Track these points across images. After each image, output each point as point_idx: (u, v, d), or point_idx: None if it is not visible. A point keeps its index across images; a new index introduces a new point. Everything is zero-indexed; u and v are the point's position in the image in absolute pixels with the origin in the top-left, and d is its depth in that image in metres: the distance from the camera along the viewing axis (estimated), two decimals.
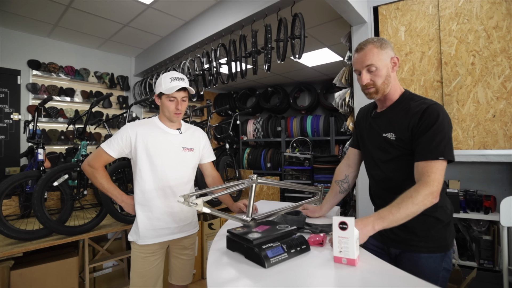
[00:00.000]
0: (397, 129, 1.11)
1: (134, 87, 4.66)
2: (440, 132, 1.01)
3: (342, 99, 2.66)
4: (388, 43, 1.13)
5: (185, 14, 3.31)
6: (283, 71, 4.96)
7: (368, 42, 1.12)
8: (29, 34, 3.72)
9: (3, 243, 1.76)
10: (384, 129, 1.15)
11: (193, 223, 1.62)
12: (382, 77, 1.10)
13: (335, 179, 1.42)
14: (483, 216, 2.12)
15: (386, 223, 0.94)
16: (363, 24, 2.51)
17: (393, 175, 1.14)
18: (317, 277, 0.81)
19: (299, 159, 4.61)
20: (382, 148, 1.16)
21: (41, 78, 3.83)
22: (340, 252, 0.87)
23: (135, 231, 1.47)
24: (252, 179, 1.26)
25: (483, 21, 2.04)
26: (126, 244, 2.52)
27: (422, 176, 0.99)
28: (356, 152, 1.38)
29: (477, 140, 2.06)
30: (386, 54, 1.11)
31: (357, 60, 1.14)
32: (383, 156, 1.16)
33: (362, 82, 1.13)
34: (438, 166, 0.99)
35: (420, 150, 1.03)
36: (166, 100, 1.45)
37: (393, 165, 1.14)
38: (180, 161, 1.50)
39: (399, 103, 1.15)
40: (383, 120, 1.18)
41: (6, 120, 3.52)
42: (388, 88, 1.13)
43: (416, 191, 0.96)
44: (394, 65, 1.13)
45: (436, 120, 1.02)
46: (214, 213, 1.18)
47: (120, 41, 4.08)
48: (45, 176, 1.85)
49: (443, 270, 1.08)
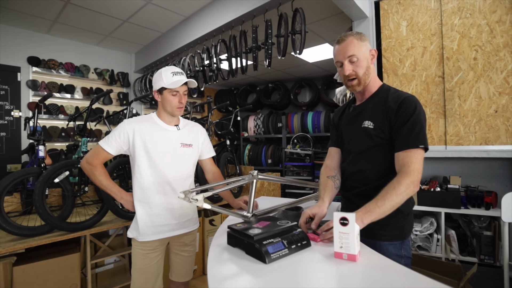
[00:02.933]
0: (376, 118, 1.15)
1: (134, 83, 4.64)
2: (418, 123, 1.07)
3: (343, 95, 2.65)
4: (366, 37, 1.18)
5: (185, 10, 3.29)
6: (283, 67, 4.94)
7: (348, 34, 1.16)
8: (28, 31, 3.70)
9: (5, 240, 1.77)
10: (362, 119, 1.19)
11: (193, 219, 1.61)
12: (363, 68, 1.15)
13: (327, 174, 1.32)
14: (484, 212, 2.12)
15: (373, 216, 0.98)
16: (364, 19, 2.48)
17: (366, 167, 1.18)
18: (318, 273, 0.82)
19: (300, 155, 4.61)
20: (360, 139, 1.19)
21: (41, 75, 3.82)
22: (341, 247, 0.87)
23: (135, 227, 1.47)
24: (252, 175, 1.26)
25: (486, 15, 2.02)
26: (127, 240, 2.53)
27: (403, 167, 1.04)
28: (338, 150, 1.36)
29: (479, 136, 2.05)
30: (365, 46, 1.16)
31: (338, 52, 1.17)
32: (360, 147, 1.20)
33: (344, 73, 1.16)
34: (417, 156, 1.05)
35: (400, 140, 1.08)
36: (168, 94, 1.44)
37: (367, 157, 1.18)
38: (178, 157, 1.49)
39: (377, 94, 1.20)
40: (362, 111, 1.22)
41: (6, 117, 3.52)
42: (368, 79, 1.18)
43: (398, 182, 1.01)
44: (372, 57, 1.18)
45: (413, 111, 1.08)
46: (214, 209, 1.18)
47: (120, 37, 4.06)
48: (46, 173, 1.86)
49: (404, 257, 1.15)
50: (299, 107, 5.67)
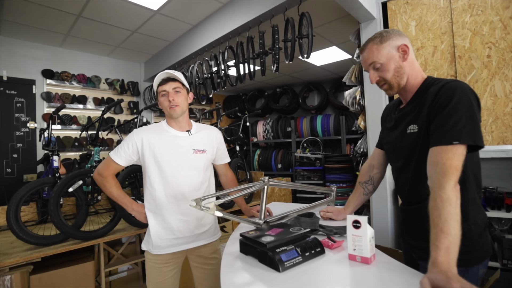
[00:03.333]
0: (420, 120, 1.00)
1: (144, 92, 4.72)
2: (455, 112, 0.87)
3: (352, 97, 2.62)
4: (393, 33, 1.06)
5: (192, 18, 3.33)
6: (291, 71, 4.93)
7: (368, 41, 1.09)
8: (42, 45, 3.83)
9: (22, 249, 1.80)
10: (407, 124, 1.05)
11: (211, 230, 1.51)
12: (390, 71, 1.04)
13: (359, 180, 1.36)
14: (505, 214, 2.04)
15: (452, 251, 0.74)
16: (371, 20, 2.46)
17: (414, 178, 1.03)
18: (334, 281, 0.79)
19: (310, 159, 4.57)
20: (406, 146, 1.06)
21: (54, 86, 3.93)
22: (354, 250, 0.88)
23: (148, 240, 1.42)
24: (264, 181, 1.25)
25: (499, 12, 1.96)
26: (140, 248, 2.55)
27: (437, 167, 0.85)
28: (380, 152, 1.31)
29: (496, 135, 1.98)
30: (390, 46, 1.04)
31: (362, 61, 1.13)
32: (407, 155, 1.06)
33: (371, 81, 1.10)
34: (454, 151, 0.84)
35: (433, 133, 0.92)
36: (160, 97, 1.41)
37: (416, 166, 1.02)
38: (191, 165, 1.42)
39: (420, 92, 1.05)
40: (405, 114, 1.09)
41: (23, 128, 3.63)
42: (403, 80, 1.06)
43: (440, 187, 0.81)
44: (404, 54, 1.04)
45: (451, 98, 0.89)
46: (226, 216, 1.17)
47: (129, 48, 4.15)
48: (60, 182, 1.89)
49: None
50: (308, 110, 5.64)
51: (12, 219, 1.73)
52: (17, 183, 3.49)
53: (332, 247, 0.99)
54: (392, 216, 2.35)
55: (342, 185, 4.06)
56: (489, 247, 1.01)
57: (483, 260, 0.98)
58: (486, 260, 1.00)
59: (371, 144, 2.46)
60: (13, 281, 1.66)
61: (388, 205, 2.32)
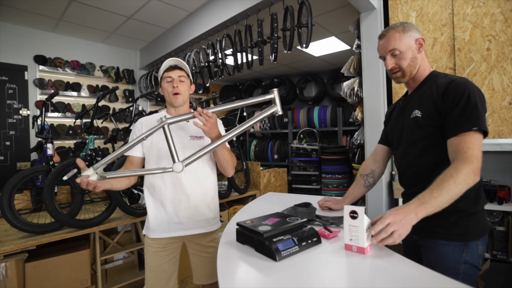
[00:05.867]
0: (424, 106, 1.09)
1: (139, 80, 4.65)
2: (469, 104, 0.96)
3: (350, 88, 2.60)
4: (412, 26, 1.14)
5: (189, 5, 3.26)
6: (289, 62, 4.88)
7: (390, 28, 1.14)
8: (34, 29, 3.72)
9: (16, 237, 1.79)
10: (411, 109, 1.14)
11: (210, 219, 1.50)
12: (407, 59, 1.12)
13: (360, 172, 1.39)
14: (497, 206, 2.07)
15: (429, 208, 0.85)
16: (372, 10, 2.42)
17: (417, 161, 1.11)
18: (330, 271, 0.80)
19: (307, 150, 4.58)
20: (409, 130, 1.14)
21: (47, 73, 3.84)
22: (351, 240, 0.89)
23: (146, 223, 1.46)
24: (162, 120, 1.15)
25: (500, 4, 1.94)
26: (136, 237, 2.55)
27: (458, 154, 0.91)
28: (383, 148, 1.36)
29: (492, 129, 1.99)
30: (410, 37, 1.12)
31: (380, 47, 1.17)
32: (410, 139, 1.14)
33: (387, 67, 1.15)
34: (473, 140, 0.92)
35: (451, 125, 0.98)
36: (163, 83, 1.43)
37: (418, 149, 1.10)
38: (187, 151, 1.40)
39: (425, 82, 1.15)
40: (411, 101, 1.17)
41: (15, 115, 3.56)
42: (415, 70, 1.14)
43: (456, 169, 0.88)
44: (420, 46, 1.13)
45: (463, 93, 0.97)
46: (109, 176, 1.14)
47: (124, 34, 4.05)
48: (54, 170, 1.87)
49: (464, 263, 0.98)
50: (305, 101, 5.62)
51: (6, 207, 1.71)
52: (10, 171, 3.44)
53: (329, 237, 1.00)
54: (387, 208, 2.38)
55: (338, 176, 4.09)
56: (485, 223, 1.06)
57: (481, 237, 1.02)
58: (484, 237, 1.04)
59: (368, 136, 2.46)
60: (8, 268, 1.66)
61: (384, 197, 2.35)
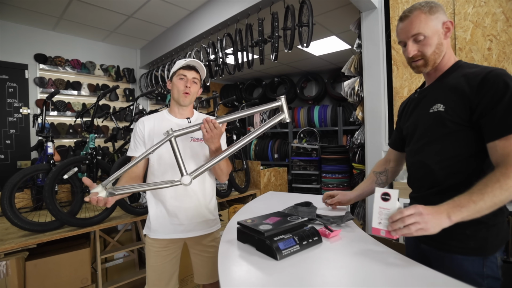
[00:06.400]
0: (448, 100, 0.94)
1: (140, 79, 4.65)
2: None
3: (351, 88, 2.60)
4: (439, 7, 0.97)
5: (190, 4, 3.25)
6: (290, 61, 4.88)
7: (414, 8, 0.98)
8: (34, 28, 3.72)
9: (17, 235, 1.79)
10: (431, 103, 0.99)
11: (210, 221, 1.50)
12: (432, 46, 0.96)
13: (373, 170, 1.32)
14: None
15: (466, 213, 0.76)
16: (373, 10, 2.42)
17: (432, 161, 0.98)
18: (330, 270, 0.80)
19: (307, 149, 4.58)
20: (427, 127, 1.00)
21: (48, 72, 3.84)
22: (380, 223, 0.85)
23: (147, 223, 1.46)
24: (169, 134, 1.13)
25: (502, 3, 1.94)
26: (136, 236, 2.56)
27: (506, 157, 0.80)
28: (394, 152, 1.27)
29: None
30: (437, 19, 0.96)
31: (401, 30, 1.00)
32: (426, 136, 1.00)
33: (408, 55, 0.99)
34: None
35: (494, 126, 0.84)
36: (176, 78, 1.41)
37: (436, 148, 0.97)
38: (188, 153, 1.41)
39: (449, 72, 0.99)
40: (430, 94, 1.02)
41: (16, 114, 3.56)
42: (439, 58, 0.98)
43: (504, 175, 0.77)
44: (447, 31, 0.97)
45: (506, 87, 0.84)
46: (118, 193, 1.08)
47: (125, 33, 4.05)
48: (55, 169, 1.87)
49: (487, 278, 0.89)
50: (306, 101, 5.62)
51: (6, 205, 1.72)
52: (10, 169, 3.45)
53: (329, 236, 1.00)
54: None
55: (338, 175, 4.09)
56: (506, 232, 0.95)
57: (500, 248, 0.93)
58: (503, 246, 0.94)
59: (368, 135, 2.46)
60: (9, 266, 1.66)
61: None
